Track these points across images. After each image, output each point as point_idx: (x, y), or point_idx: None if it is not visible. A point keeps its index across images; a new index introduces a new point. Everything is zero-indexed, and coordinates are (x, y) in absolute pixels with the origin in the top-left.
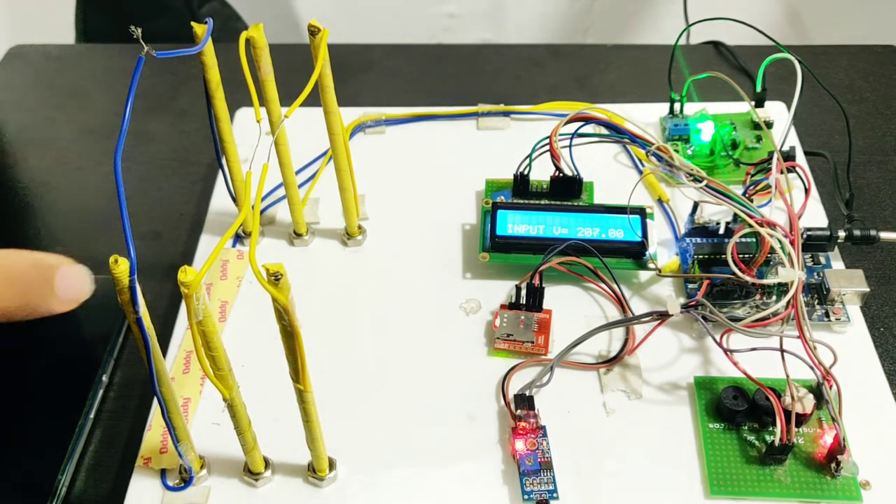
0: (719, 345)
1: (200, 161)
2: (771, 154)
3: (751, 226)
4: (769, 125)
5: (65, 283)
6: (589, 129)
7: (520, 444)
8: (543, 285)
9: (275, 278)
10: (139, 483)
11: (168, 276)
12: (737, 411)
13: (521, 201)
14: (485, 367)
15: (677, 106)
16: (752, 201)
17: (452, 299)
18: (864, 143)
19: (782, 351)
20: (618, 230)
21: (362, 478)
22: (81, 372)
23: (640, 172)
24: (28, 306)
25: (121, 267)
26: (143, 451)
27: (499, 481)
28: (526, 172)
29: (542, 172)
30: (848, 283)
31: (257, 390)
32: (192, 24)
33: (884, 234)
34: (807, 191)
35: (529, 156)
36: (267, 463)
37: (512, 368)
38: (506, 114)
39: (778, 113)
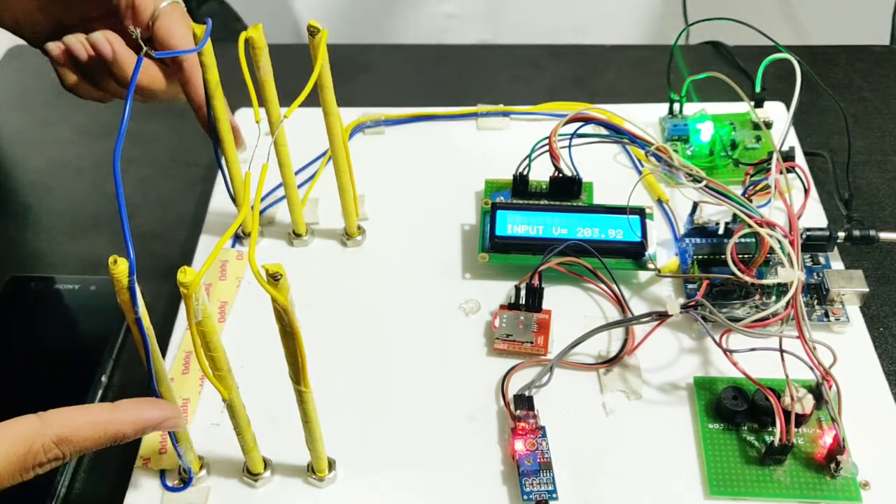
0: (719, 345)
1: (199, 161)
2: (770, 154)
3: (750, 226)
4: (768, 125)
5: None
6: (588, 129)
7: (519, 445)
8: (543, 286)
9: (274, 279)
10: (138, 484)
11: (167, 277)
12: (736, 411)
13: (521, 202)
14: (484, 368)
15: (676, 106)
16: (751, 201)
17: (452, 300)
18: (864, 144)
19: (782, 351)
20: (617, 230)
21: (362, 478)
22: (81, 372)
23: (640, 173)
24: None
25: (120, 267)
26: (143, 451)
27: (499, 481)
28: (525, 173)
29: (541, 173)
30: (847, 283)
31: (257, 391)
32: (192, 24)
33: (883, 235)
34: (806, 191)
35: (529, 156)
36: (266, 463)
37: (511, 369)
38: (505, 114)
39: (777, 113)
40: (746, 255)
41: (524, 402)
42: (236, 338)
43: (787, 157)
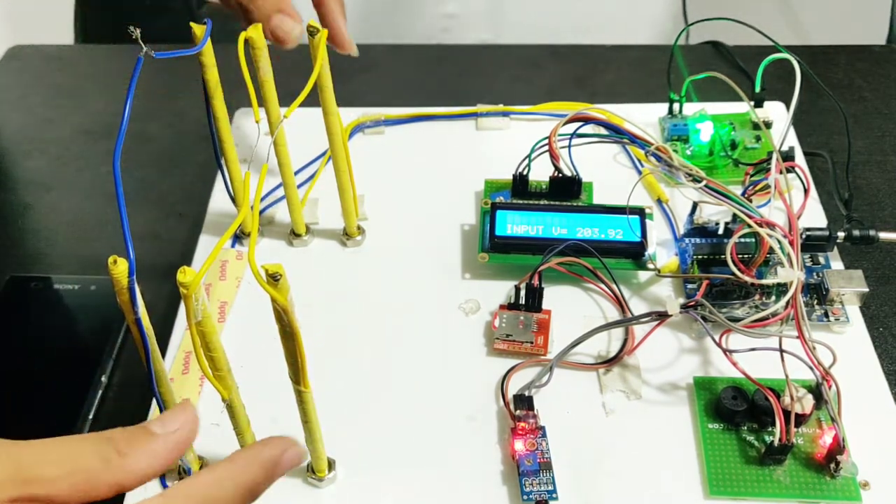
0: (718, 345)
1: (199, 161)
2: (770, 154)
3: (750, 226)
4: (768, 125)
5: (287, 467)
6: (588, 129)
7: (519, 445)
8: (543, 285)
9: (274, 279)
10: None
11: (167, 277)
12: (736, 411)
13: (521, 202)
14: (484, 368)
15: (676, 106)
16: (751, 201)
17: (452, 300)
18: (863, 143)
19: (781, 351)
20: (617, 230)
21: (361, 478)
22: (80, 373)
23: (640, 173)
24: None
25: (120, 268)
26: None
27: (498, 481)
28: (525, 173)
29: (541, 173)
30: (847, 283)
31: (256, 391)
32: (191, 24)
33: (883, 235)
34: (806, 191)
35: (528, 156)
36: None
37: (511, 369)
38: (505, 114)
39: (777, 113)
40: (746, 255)
41: (524, 402)
42: (236, 338)
43: (787, 157)
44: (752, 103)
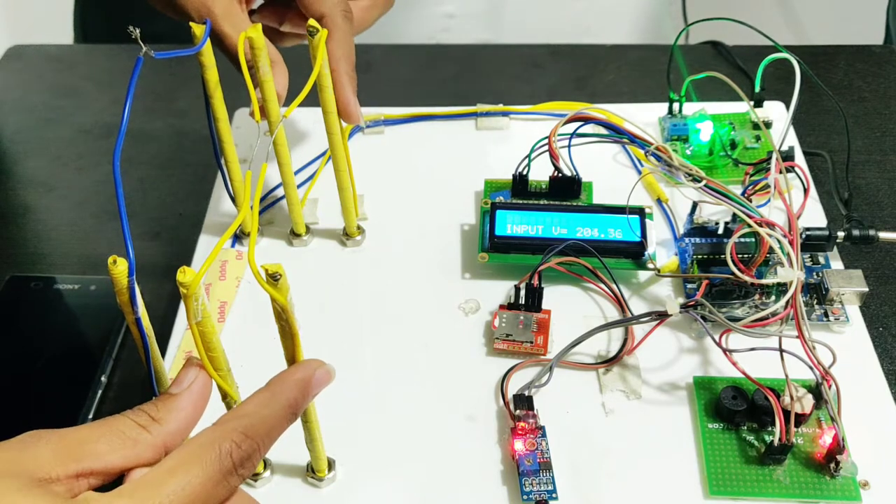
0: (718, 345)
1: (199, 161)
2: (770, 154)
3: (750, 226)
4: (768, 125)
5: (320, 385)
6: (588, 129)
7: (519, 445)
8: (542, 285)
9: (274, 279)
10: None
11: (167, 277)
12: (736, 411)
13: (520, 201)
14: (484, 368)
15: (676, 106)
16: (750, 201)
17: (451, 299)
18: (863, 143)
19: (781, 351)
20: (617, 230)
21: (361, 478)
22: (80, 372)
23: (640, 172)
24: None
25: (119, 267)
26: None
27: (498, 481)
28: (525, 172)
29: (541, 172)
30: (847, 282)
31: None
32: (191, 24)
33: (882, 234)
34: (806, 191)
35: (528, 156)
36: (265, 463)
37: (511, 369)
38: (505, 114)
39: (777, 113)
40: (746, 255)
41: (524, 401)
42: (236, 338)
43: (787, 156)
44: (752, 103)
